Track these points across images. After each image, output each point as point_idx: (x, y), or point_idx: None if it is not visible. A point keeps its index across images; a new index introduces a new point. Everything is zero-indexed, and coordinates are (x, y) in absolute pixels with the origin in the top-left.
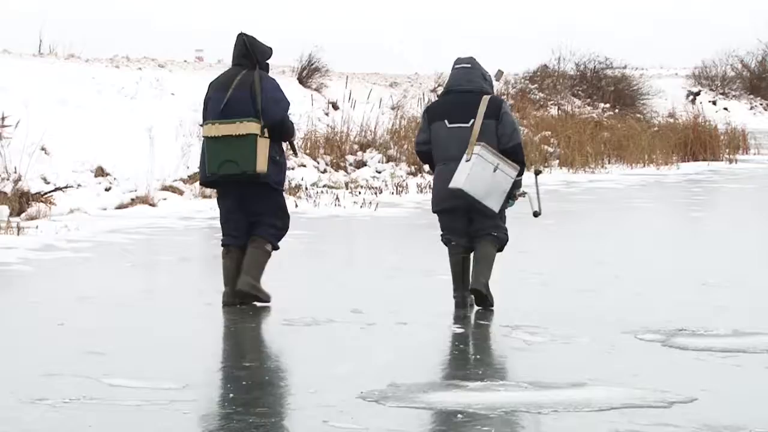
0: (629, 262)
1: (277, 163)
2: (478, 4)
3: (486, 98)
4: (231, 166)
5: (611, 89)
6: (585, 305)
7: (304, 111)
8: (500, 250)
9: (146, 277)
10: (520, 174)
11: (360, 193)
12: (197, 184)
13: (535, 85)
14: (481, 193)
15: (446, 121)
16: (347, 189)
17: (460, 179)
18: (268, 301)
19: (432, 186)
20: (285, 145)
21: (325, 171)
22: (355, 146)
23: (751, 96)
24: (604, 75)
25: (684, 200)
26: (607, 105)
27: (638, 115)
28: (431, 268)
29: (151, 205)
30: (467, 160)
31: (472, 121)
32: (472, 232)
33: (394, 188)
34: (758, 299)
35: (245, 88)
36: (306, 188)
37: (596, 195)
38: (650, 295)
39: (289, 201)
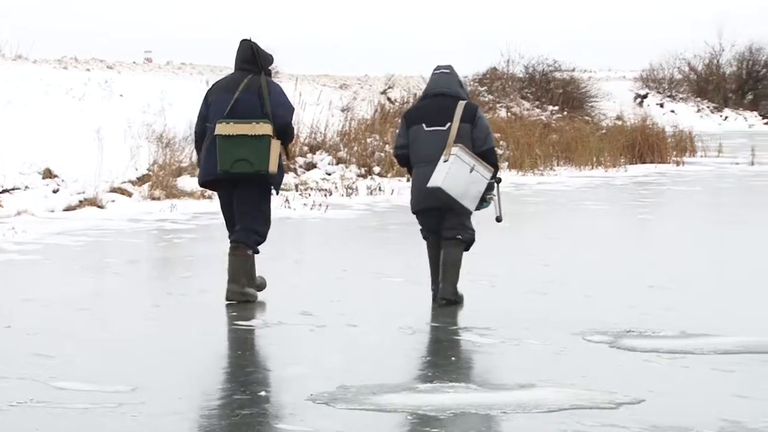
0: (577, 264)
1: (280, 166)
2: (428, 7)
3: (462, 103)
4: (244, 164)
5: (560, 92)
6: (534, 307)
7: None
8: (467, 249)
9: (94, 280)
10: (494, 176)
11: (310, 195)
12: (146, 186)
13: (485, 88)
14: (459, 193)
15: (424, 125)
16: (297, 191)
17: (438, 178)
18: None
19: (411, 188)
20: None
21: None
22: (305, 148)
23: (698, 99)
24: (552, 77)
25: (631, 202)
26: (556, 107)
27: (587, 118)
28: (381, 269)
29: (99, 207)
30: (445, 161)
31: (449, 124)
32: (441, 230)
33: (344, 190)
34: (705, 301)
35: (253, 91)
36: None
37: (545, 197)
38: (598, 296)
39: None
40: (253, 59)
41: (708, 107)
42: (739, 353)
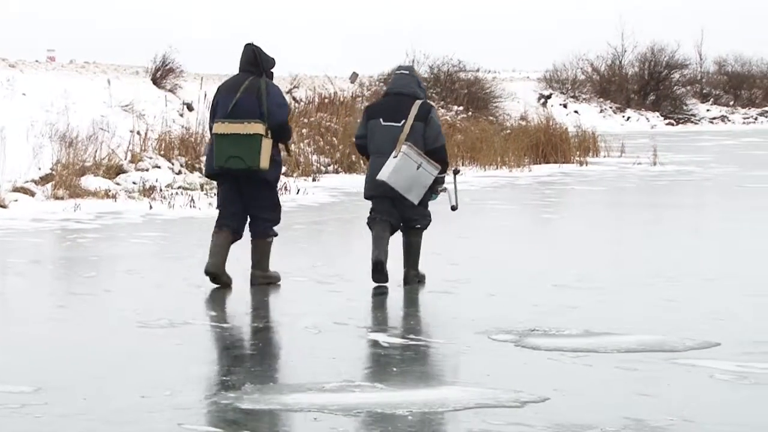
0: (482, 264)
1: (275, 162)
2: (333, 6)
3: (418, 103)
4: (237, 161)
5: (465, 92)
6: (439, 306)
7: (159, 112)
8: (425, 229)
9: None
10: (443, 172)
11: (215, 194)
12: (49, 185)
13: None
14: (403, 187)
15: (381, 120)
16: (202, 190)
17: (386, 173)
18: (279, 280)
19: (366, 175)
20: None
21: (179, 172)
22: None
23: (601, 99)
24: (457, 78)
25: (536, 202)
26: (461, 107)
27: (491, 118)
28: (287, 269)
29: (2, 206)
30: (395, 157)
31: (403, 121)
32: (403, 220)
33: None
34: (608, 299)
35: (252, 92)
36: (160, 190)
37: None
38: (503, 296)
39: (144, 203)
40: (255, 62)
41: (611, 108)
42: (641, 352)
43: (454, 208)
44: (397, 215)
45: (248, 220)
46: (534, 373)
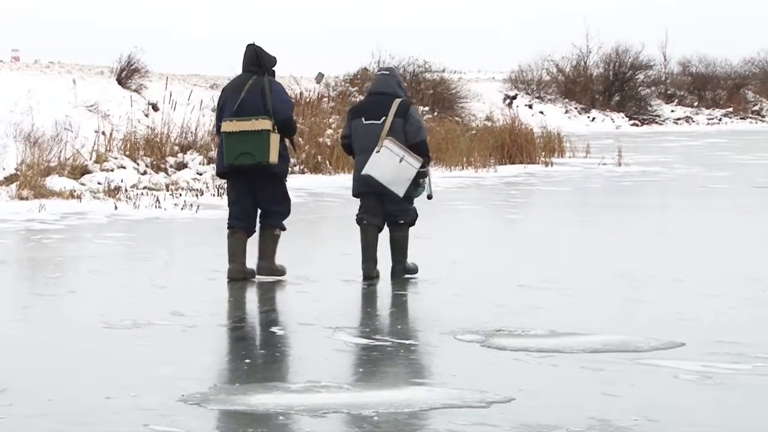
0: (448, 264)
1: (283, 157)
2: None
3: (398, 101)
4: (247, 157)
5: (430, 92)
6: (405, 307)
7: (124, 112)
8: (411, 224)
9: None
10: (425, 165)
11: (181, 195)
12: (14, 185)
13: (356, 88)
14: (388, 180)
15: (363, 119)
16: (168, 191)
17: (370, 167)
18: (284, 274)
19: (353, 173)
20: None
21: (145, 173)
22: (176, 148)
23: (566, 100)
24: (423, 78)
25: (501, 202)
26: (427, 108)
27: (457, 118)
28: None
29: None
30: (377, 152)
31: (383, 119)
32: (386, 215)
33: (215, 190)
34: (574, 300)
35: (257, 90)
36: (126, 190)
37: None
38: (468, 296)
39: (109, 203)
40: (257, 61)
41: (576, 108)
42: (606, 352)
43: (430, 197)
44: (382, 212)
45: (258, 212)
46: (499, 374)
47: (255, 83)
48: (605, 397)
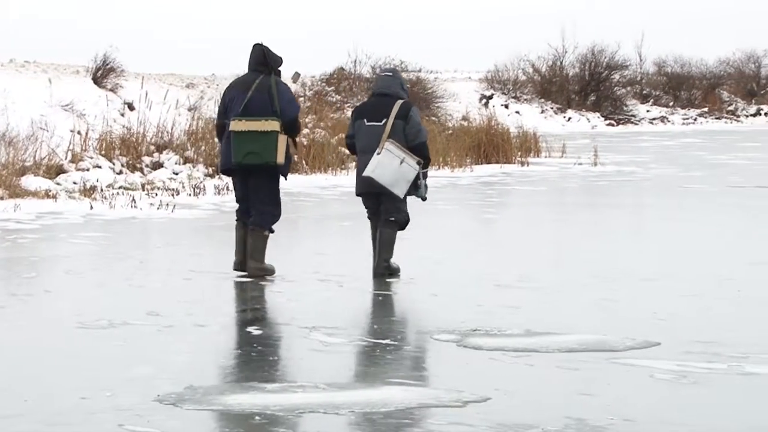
0: (425, 264)
1: (287, 157)
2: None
3: (399, 102)
4: (254, 156)
5: None
6: (381, 306)
7: (99, 111)
8: (402, 228)
9: None
10: (425, 167)
11: (157, 194)
12: None
13: (332, 88)
14: (388, 181)
15: (365, 120)
16: (144, 190)
17: (370, 169)
18: (274, 273)
19: (356, 173)
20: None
21: (120, 172)
22: (152, 147)
23: (542, 100)
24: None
25: (477, 202)
26: None
27: (433, 118)
28: (229, 270)
29: None
30: (378, 153)
31: (385, 120)
32: (380, 211)
33: (192, 190)
34: (549, 299)
35: (264, 90)
36: (101, 190)
37: None
38: (445, 295)
39: (85, 203)
40: (264, 61)
41: (552, 108)
42: (582, 351)
43: (424, 198)
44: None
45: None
46: (476, 373)
47: (262, 83)
48: (581, 397)
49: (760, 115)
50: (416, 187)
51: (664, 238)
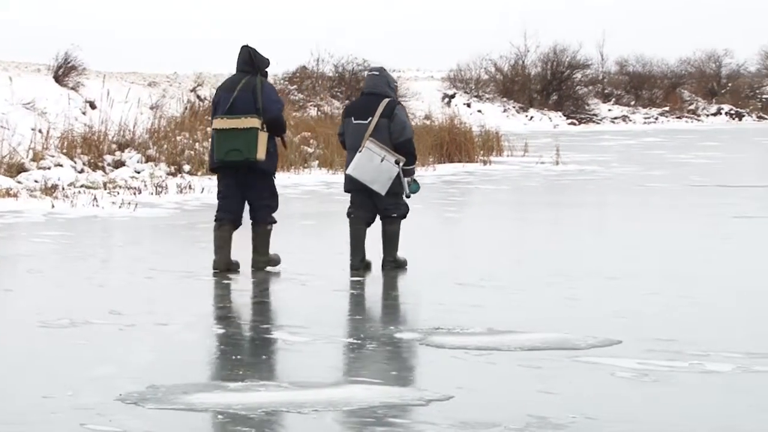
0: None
1: (271, 154)
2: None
3: (385, 101)
4: (236, 153)
5: None
6: (344, 305)
7: (61, 110)
8: (403, 217)
9: None
10: (410, 164)
11: (119, 193)
12: None
13: (295, 86)
14: (369, 179)
15: (352, 118)
16: (105, 189)
17: (352, 167)
18: (280, 263)
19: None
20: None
21: (82, 171)
22: (114, 146)
23: (504, 99)
24: (362, 77)
25: (440, 201)
26: None
27: None
28: (191, 268)
29: None
30: (360, 152)
31: (370, 119)
32: (379, 210)
33: (154, 188)
34: (511, 298)
35: (249, 90)
36: (63, 188)
37: None
38: (408, 294)
39: (46, 202)
40: (250, 62)
41: (514, 107)
42: (544, 350)
43: (407, 196)
44: (372, 207)
45: (246, 208)
46: (438, 372)
47: (247, 83)
48: (543, 395)
49: (721, 114)
50: (400, 185)
51: (626, 237)
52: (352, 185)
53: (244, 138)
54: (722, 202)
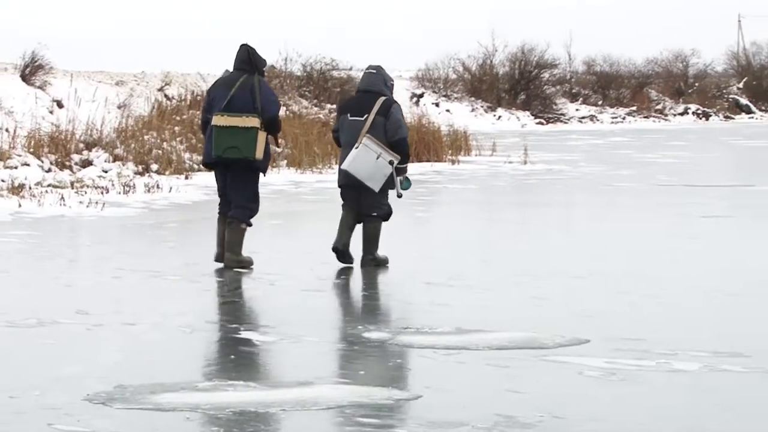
0: (354, 262)
1: (266, 153)
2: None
3: (381, 99)
4: (234, 151)
5: (338, 90)
6: (312, 305)
7: (28, 109)
8: (385, 219)
9: None
10: (404, 162)
11: (86, 192)
12: None
13: None
14: (364, 175)
15: (348, 115)
16: (73, 188)
17: (347, 162)
18: (252, 265)
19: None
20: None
21: (49, 170)
22: (81, 145)
23: (473, 98)
24: (330, 76)
25: (408, 200)
26: (334, 105)
27: None
28: (158, 268)
29: None
30: (356, 148)
31: (366, 116)
32: (361, 207)
33: (122, 188)
34: (480, 297)
35: (246, 88)
36: (30, 188)
37: (324, 195)
38: (376, 293)
39: (13, 201)
40: (248, 61)
41: (482, 107)
42: (512, 349)
43: (399, 196)
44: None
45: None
46: (406, 371)
47: (245, 82)
48: (511, 394)
49: (688, 114)
50: (393, 183)
51: (593, 237)
52: (346, 180)
53: (243, 137)
54: (689, 202)
